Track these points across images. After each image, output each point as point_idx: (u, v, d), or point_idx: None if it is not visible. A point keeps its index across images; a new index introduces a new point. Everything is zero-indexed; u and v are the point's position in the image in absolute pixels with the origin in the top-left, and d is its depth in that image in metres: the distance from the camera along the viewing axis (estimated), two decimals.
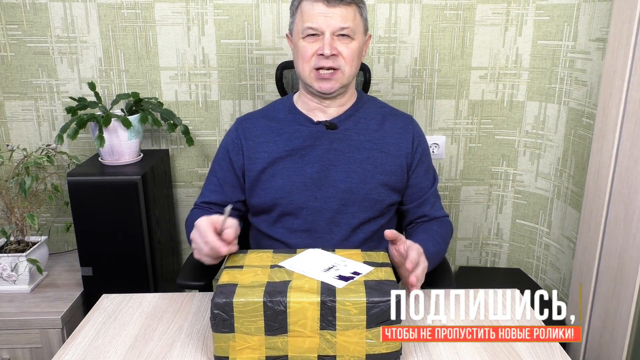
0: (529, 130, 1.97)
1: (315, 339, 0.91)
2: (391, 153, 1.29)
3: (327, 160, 1.26)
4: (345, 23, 1.18)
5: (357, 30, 1.21)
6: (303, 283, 0.93)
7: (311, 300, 0.89)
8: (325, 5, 1.18)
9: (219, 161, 1.34)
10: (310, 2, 1.19)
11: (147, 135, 1.97)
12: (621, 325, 1.45)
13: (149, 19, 1.85)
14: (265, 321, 0.90)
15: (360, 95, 1.35)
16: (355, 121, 1.30)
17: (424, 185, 1.34)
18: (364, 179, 1.26)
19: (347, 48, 1.20)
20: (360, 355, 0.91)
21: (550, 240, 1.98)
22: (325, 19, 1.18)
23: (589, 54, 1.72)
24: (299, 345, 0.91)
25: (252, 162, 1.28)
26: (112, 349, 0.98)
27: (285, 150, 1.27)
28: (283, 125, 1.30)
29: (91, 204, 1.64)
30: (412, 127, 1.33)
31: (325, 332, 0.90)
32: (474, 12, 1.87)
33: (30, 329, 1.60)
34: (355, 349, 0.91)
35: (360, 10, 1.22)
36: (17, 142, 1.94)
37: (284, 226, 1.28)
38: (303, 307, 0.89)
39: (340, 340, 0.90)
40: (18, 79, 1.90)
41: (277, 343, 0.91)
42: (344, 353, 0.91)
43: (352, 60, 1.21)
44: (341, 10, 1.18)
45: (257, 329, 0.90)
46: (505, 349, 0.97)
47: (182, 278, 1.30)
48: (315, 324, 0.90)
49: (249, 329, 0.90)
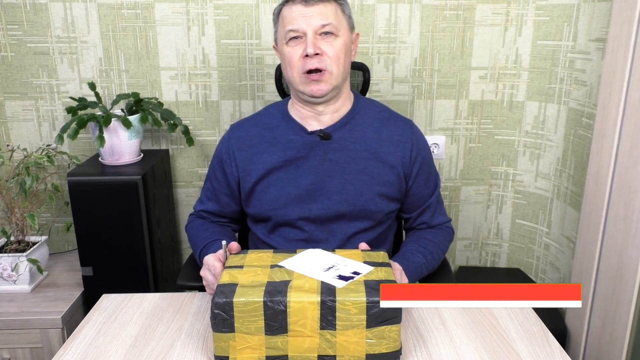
0: (528, 130, 1.97)
1: (315, 338, 0.91)
2: (388, 162, 1.25)
3: (321, 172, 1.23)
4: (325, 20, 1.16)
5: (340, 26, 1.19)
6: (303, 283, 0.94)
7: (311, 300, 0.89)
8: (303, 5, 1.16)
9: (214, 169, 1.33)
10: (289, 6, 1.18)
11: (147, 135, 1.97)
12: (621, 325, 1.45)
13: (149, 19, 1.85)
14: (265, 321, 0.90)
15: (356, 99, 1.30)
16: (350, 129, 1.25)
17: (424, 194, 1.31)
18: (360, 190, 1.23)
19: (332, 46, 1.17)
20: (360, 355, 0.91)
21: (550, 240, 1.99)
22: (305, 19, 1.16)
23: (588, 54, 1.72)
24: (299, 345, 0.91)
25: (247, 174, 1.27)
26: (112, 349, 0.98)
27: (279, 161, 1.24)
28: (276, 134, 1.27)
29: (91, 204, 1.65)
30: (411, 133, 1.28)
31: (325, 332, 0.90)
32: (474, 12, 1.87)
33: (31, 329, 1.60)
34: (355, 348, 0.91)
35: (342, 7, 1.20)
36: (18, 142, 1.94)
37: (281, 235, 1.28)
38: (303, 306, 0.89)
39: (341, 340, 0.91)
40: (18, 79, 1.90)
41: (277, 343, 0.91)
42: (344, 353, 0.91)
43: (338, 58, 1.17)
44: (320, 8, 1.16)
45: (257, 328, 0.90)
46: (505, 348, 0.97)
47: (182, 279, 1.30)
48: (315, 324, 0.90)
49: (249, 329, 0.90)
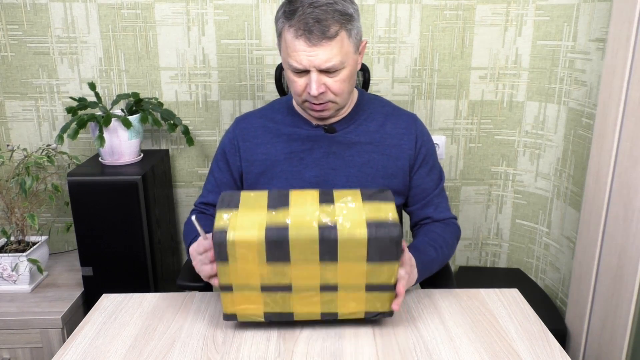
0: (528, 130, 1.97)
1: (315, 267, 0.92)
2: (393, 155, 1.25)
3: (326, 164, 1.24)
4: (330, 62, 1.09)
5: (347, 57, 1.11)
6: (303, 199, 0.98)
7: (312, 193, 0.96)
8: (306, 44, 1.08)
9: (217, 161, 1.33)
10: (292, 35, 1.09)
11: (147, 135, 1.97)
12: (621, 325, 1.45)
13: (149, 19, 1.85)
14: (266, 241, 0.90)
15: (361, 95, 1.30)
16: (355, 123, 1.26)
17: (427, 186, 1.30)
18: (364, 183, 1.24)
19: (336, 82, 1.12)
20: (360, 282, 0.94)
21: (550, 240, 1.99)
22: (308, 58, 1.09)
23: (588, 54, 1.72)
24: (300, 275, 0.93)
25: (250, 164, 1.26)
26: (112, 349, 0.98)
27: (284, 153, 1.25)
28: (281, 126, 1.27)
29: (91, 204, 1.65)
30: (415, 126, 1.28)
31: (325, 263, 0.92)
32: (474, 12, 1.87)
33: (31, 329, 1.60)
34: (356, 280, 0.93)
35: (349, 32, 1.10)
36: (18, 142, 1.94)
37: None
38: (303, 194, 0.95)
39: (342, 267, 0.92)
40: (18, 79, 1.90)
41: (280, 270, 0.92)
42: (345, 281, 0.93)
43: (342, 90, 1.15)
44: (324, 49, 1.08)
45: (260, 254, 0.91)
46: (505, 348, 0.97)
47: (182, 279, 1.30)
48: (315, 206, 0.94)
49: (250, 258, 0.91)
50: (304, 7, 1.08)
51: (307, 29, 1.07)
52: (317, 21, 1.07)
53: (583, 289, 1.63)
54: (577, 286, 1.67)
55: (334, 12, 1.08)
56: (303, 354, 0.95)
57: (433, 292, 1.17)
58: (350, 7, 1.11)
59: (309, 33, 1.07)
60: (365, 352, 0.95)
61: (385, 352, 0.95)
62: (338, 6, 1.09)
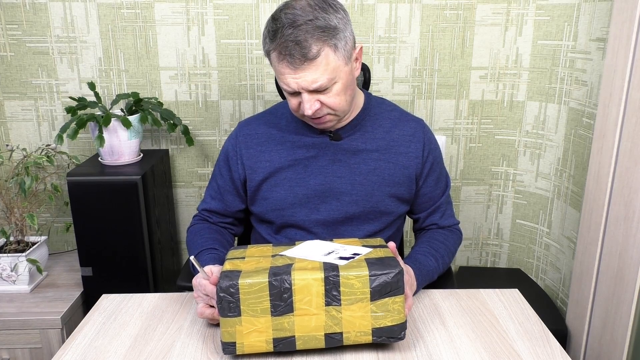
0: (529, 130, 1.97)
1: (321, 316, 0.91)
2: (399, 163, 1.23)
3: (331, 172, 1.22)
4: (317, 83, 1.06)
5: (336, 73, 1.07)
6: (306, 264, 0.95)
7: (315, 277, 0.91)
8: (290, 69, 1.05)
9: (219, 167, 1.31)
10: (276, 58, 1.06)
11: (147, 135, 1.97)
12: (621, 325, 1.45)
13: (149, 19, 1.85)
14: (271, 301, 0.90)
15: (367, 100, 1.26)
16: (361, 130, 1.23)
17: (435, 194, 1.29)
18: (370, 191, 1.22)
19: (330, 97, 1.09)
20: (366, 329, 0.92)
21: (550, 240, 1.98)
22: (295, 81, 1.06)
23: (589, 54, 1.72)
24: (305, 325, 0.92)
25: (253, 172, 1.24)
26: (112, 349, 0.98)
27: (288, 160, 1.22)
28: (285, 133, 1.24)
29: (91, 204, 1.64)
30: (422, 133, 1.25)
31: (330, 309, 0.91)
32: (474, 12, 1.87)
33: (30, 329, 1.60)
34: (361, 323, 0.92)
35: (334, 47, 1.05)
36: (17, 142, 1.94)
37: (287, 236, 1.27)
38: (308, 283, 0.90)
39: (346, 316, 0.92)
40: (18, 79, 1.90)
41: (283, 324, 0.92)
42: (350, 329, 0.92)
43: (339, 103, 1.11)
44: (309, 71, 1.05)
45: (263, 310, 0.91)
46: (506, 348, 0.97)
47: (182, 279, 1.30)
48: (320, 300, 0.91)
49: (255, 311, 0.91)
50: (284, 27, 1.03)
51: (288, 53, 1.04)
52: (296, 43, 1.02)
53: (584, 289, 1.63)
54: (578, 286, 1.66)
55: (314, 29, 1.03)
56: (303, 353, 0.95)
57: (433, 292, 1.17)
58: (333, 18, 1.05)
59: (291, 57, 1.04)
60: (365, 352, 0.95)
61: (385, 352, 0.95)
62: (319, 22, 1.03)
